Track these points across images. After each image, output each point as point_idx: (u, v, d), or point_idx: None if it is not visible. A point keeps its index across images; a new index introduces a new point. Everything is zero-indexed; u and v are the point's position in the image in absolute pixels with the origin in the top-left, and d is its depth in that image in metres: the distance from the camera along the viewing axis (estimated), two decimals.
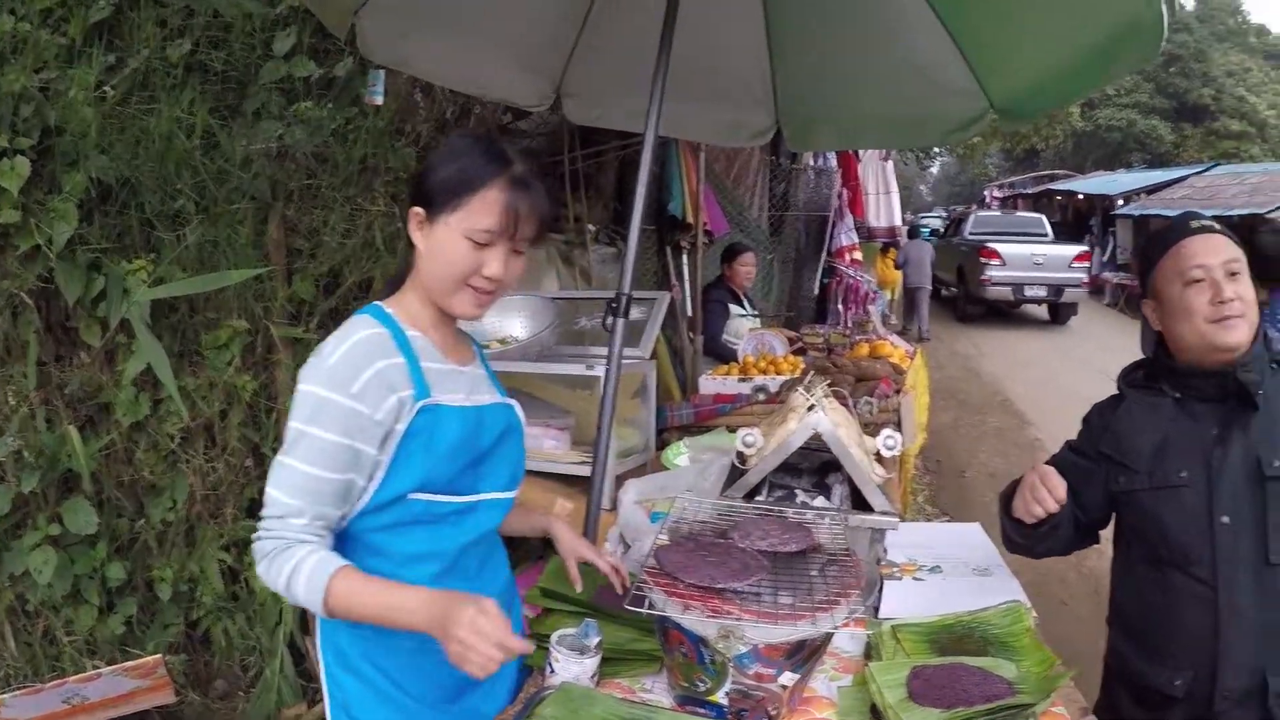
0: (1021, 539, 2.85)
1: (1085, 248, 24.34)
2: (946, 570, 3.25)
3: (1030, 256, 22.44)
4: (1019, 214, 30.42)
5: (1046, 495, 2.58)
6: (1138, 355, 2.99)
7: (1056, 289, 22.40)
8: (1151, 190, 29.97)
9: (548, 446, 4.26)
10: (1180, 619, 2.63)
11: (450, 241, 2.14)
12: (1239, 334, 2.57)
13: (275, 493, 2.06)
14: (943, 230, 30.84)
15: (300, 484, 2.05)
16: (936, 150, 33.71)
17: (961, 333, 21.78)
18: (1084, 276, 23.19)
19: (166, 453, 4.32)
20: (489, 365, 2.57)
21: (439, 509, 2.22)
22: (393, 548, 2.22)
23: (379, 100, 4.34)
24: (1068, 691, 2.37)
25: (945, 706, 2.10)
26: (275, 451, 4.03)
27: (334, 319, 4.50)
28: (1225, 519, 2.55)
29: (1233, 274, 2.60)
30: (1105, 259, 29.21)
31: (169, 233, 4.18)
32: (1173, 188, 28.97)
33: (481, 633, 1.88)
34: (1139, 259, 3.02)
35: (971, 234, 24.90)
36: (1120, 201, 30.83)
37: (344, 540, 2.21)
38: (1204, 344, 2.62)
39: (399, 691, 2.30)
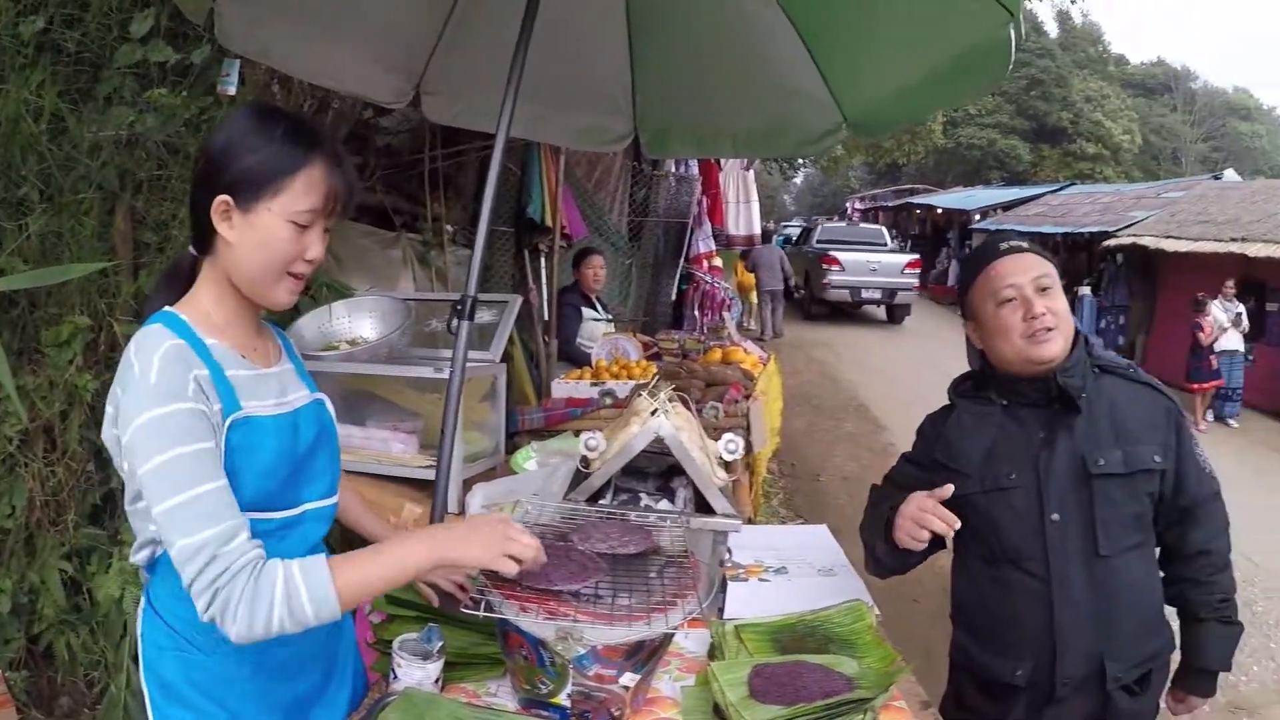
0: (895, 564, 2.88)
1: (916, 256, 27.04)
2: (792, 571, 3.31)
3: (867, 263, 25.42)
4: (862, 225, 32.53)
5: (938, 521, 2.62)
6: None
7: (890, 292, 25.53)
8: (1008, 207, 31.19)
9: (396, 450, 4.22)
10: (1018, 613, 2.75)
11: (273, 228, 2.00)
12: (1053, 347, 2.68)
13: (195, 536, 1.81)
14: (795, 239, 31.91)
15: (213, 505, 1.85)
16: (801, 161, 34.16)
17: (819, 340, 22.35)
18: (915, 281, 26.34)
19: (4, 456, 4.12)
20: (297, 357, 2.42)
21: (263, 526, 2.04)
22: None
23: (232, 90, 4.24)
24: (909, 686, 2.44)
25: (786, 703, 2.14)
26: None
27: None
28: (1055, 517, 2.68)
29: (1043, 289, 2.72)
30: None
31: (10, 222, 4.05)
32: (1028, 205, 30.23)
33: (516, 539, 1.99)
34: (957, 283, 3.13)
35: (818, 243, 27.62)
36: (977, 216, 31.87)
37: (159, 567, 2.10)
38: (1021, 359, 2.73)
39: (233, 719, 2.15)
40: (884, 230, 30.76)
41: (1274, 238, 16.59)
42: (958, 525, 2.55)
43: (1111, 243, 21.13)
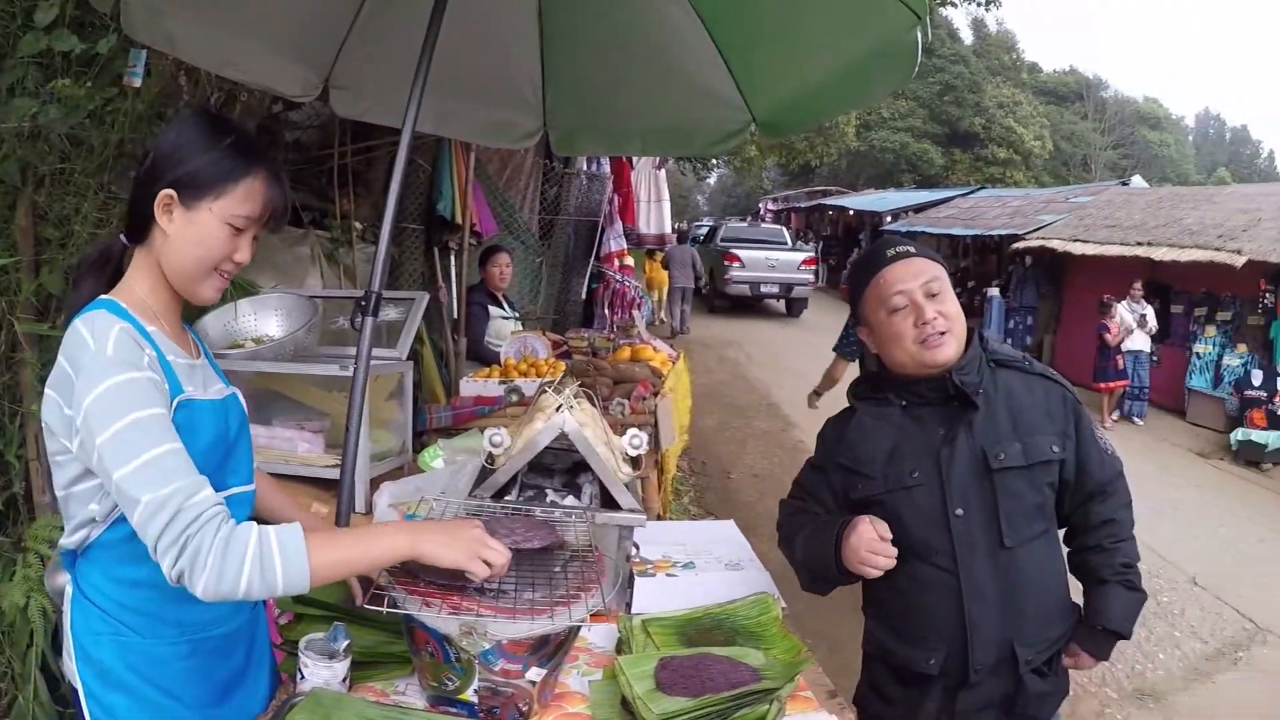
0: (835, 582, 2.93)
1: (812, 253, 29.23)
2: (700, 566, 3.34)
3: (765, 260, 27.37)
4: (764, 226, 34.14)
5: (886, 560, 2.69)
6: None
7: (787, 287, 27.35)
8: (919, 209, 31.60)
9: (302, 450, 4.17)
10: (928, 604, 2.79)
11: (209, 226, 2.14)
12: (947, 351, 2.74)
13: (161, 490, 1.86)
14: (702, 238, 32.66)
15: (174, 463, 1.91)
16: (714, 162, 34.36)
17: (731, 339, 22.51)
18: (810, 277, 28.19)
19: None
20: (209, 353, 2.50)
21: None
22: (147, 555, 1.94)
23: (138, 82, 4.18)
24: (815, 676, 2.50)
25: (692, 695, 2.17)
26: (20, 459, 3.87)
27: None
28: (959, 512, 2.73)
29: (932, 294, 2.76)
30: None
31: None
32: (939, 207, 30.78)
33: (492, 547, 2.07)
34: (849, 288, 3.17)
35: (721, 241, 29.11)
36: (889, 218, 32.25)
37: (93, 550, 2.14)
38: (915, 363, 2.79)
39: (174, 702, 2.19)
40: (784, 230, 32.78)
41: (1179, 242, 16.98)
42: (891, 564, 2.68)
43: (1020, 245, 21.49)
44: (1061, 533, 2.97)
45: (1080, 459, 2.82)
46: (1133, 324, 15.75)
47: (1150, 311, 16.12)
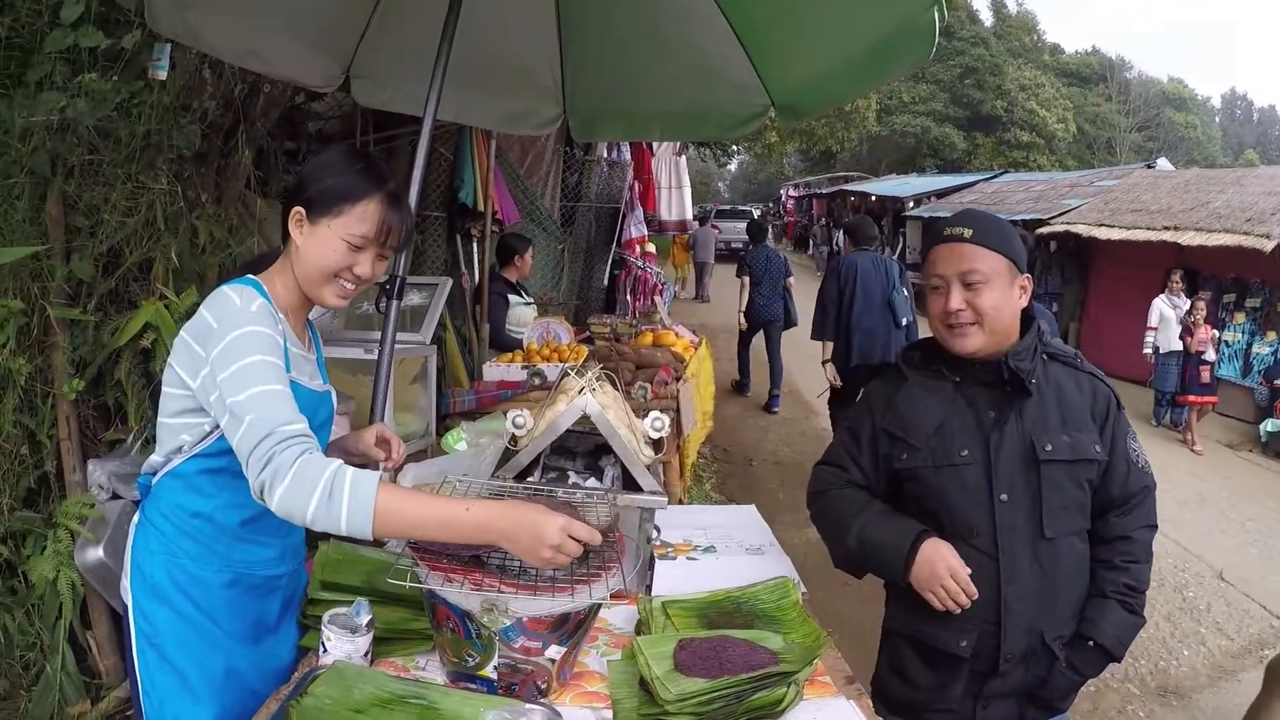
0: (884, 578, 2.98)
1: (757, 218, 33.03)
2: (721, 550, 3.36)
3: (733, 226, 36.51)
4: (739, 207, 45.83)
5: (963, 595, 2.71)
6: None
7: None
8: (941, 194, 30.96)
9: None
10: None
11: (330, 241, 2.41)
12: (968, 342, 2.77)
13: (260, 415, 2.10)
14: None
15: (278, 399, 2.15)
16: (735, 148, 34.38)
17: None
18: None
19: None
20: (320, 353, 2.80)
21: None
22: (216, 492, 2.40)
23: (163, 75, 4.22)
24: (833, 660, 2.52)
25: (710, 676, 2.19)
26: (52, 438, 3.93)
27: (113, 300, 4.39)
28: (1004, 496, 2.75)
29: (969, 284, 2.75)
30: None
31: None
32: (961, 193, 30.07)
33: (575, 537, 2.11)
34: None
35: (713, 218, 37.71)
36: (911, 204, 31.74)
37: (171, 477, 2.42)
38: (944, 343, 2.83)
39: (212, 624, 2.42)
40: (752, 209, 46.54)
41: (1206, 226, 16.54)
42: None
43: (1045, 230, 20.99)
44: None
45: (1111, 466, 2.82)
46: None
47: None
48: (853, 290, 8.75)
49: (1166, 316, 14.53)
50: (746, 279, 13.63)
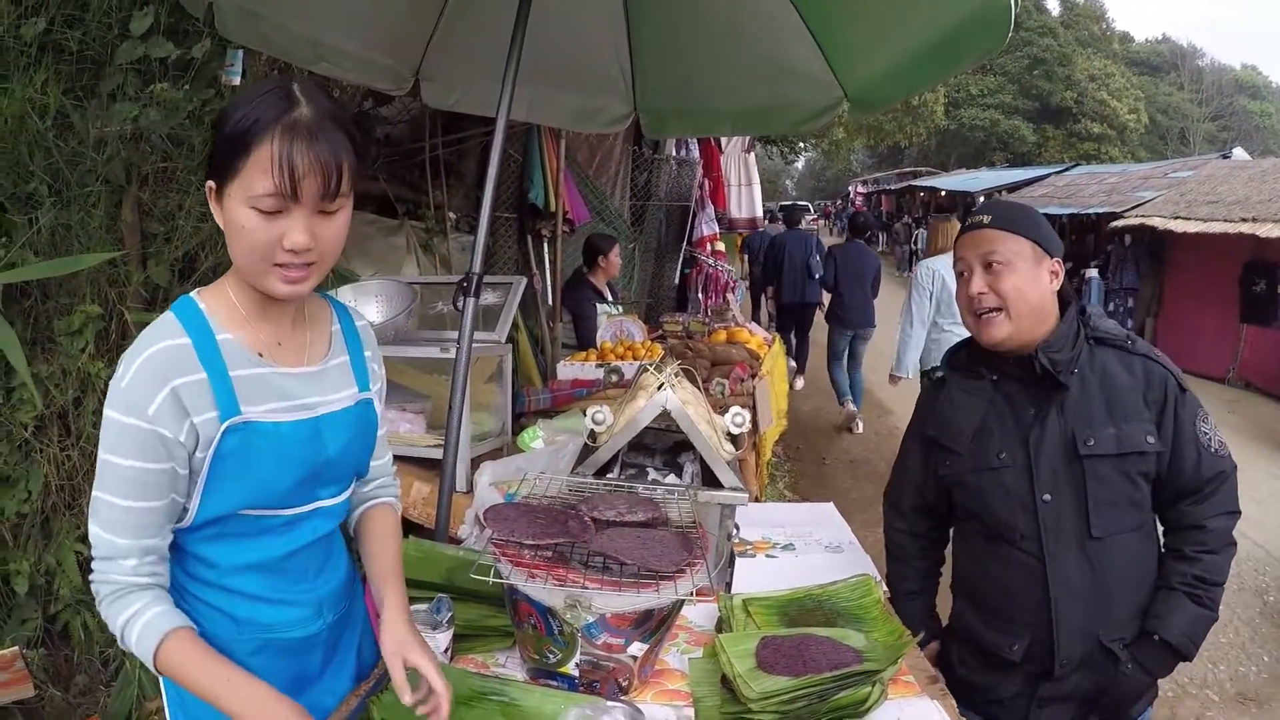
0: None
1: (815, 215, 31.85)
2: (800, 548, 3.35)
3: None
4: (799, 203, 41.87)
5: None
6: None
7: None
8: (1012, 189, 30.58)
9: (403, 430, 4.28)
10: (1015, 589, 2.74)
11: (238, 214, 1.81)
12: (997, 330, 2.69)
13: (97, 530, 1.87)
14: None
15: (119, 519, 1.86)
16: (802, 145, 34.39)
17: (820, 323, 22.12)
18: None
19: (20, 442, 4.15)
20: (360, 349, 2.27)
21: (268, 522, 2.05)
22: (220, 559, 2.04)
23: (236, 81, 4.27)
24: (916, 660, 2.48)
25: (794, 674, 2.16)
26: None
27: None
28: (1046, 497, 2.66)
29: (990, 265, 2.69)
30: None
31: (20, 216, 4.08)
32: (1032, 186, 29.57)
33: None
34: None
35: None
36: (981, 199, 31.41)
37: (171, 551, 2.01)
38: (975, 336, 2.78)
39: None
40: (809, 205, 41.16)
41: None
42: None
43: (1119, 224, 20.54)
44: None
45: (1174, 452, 2.64)
46: None
47: None
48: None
49: None
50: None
